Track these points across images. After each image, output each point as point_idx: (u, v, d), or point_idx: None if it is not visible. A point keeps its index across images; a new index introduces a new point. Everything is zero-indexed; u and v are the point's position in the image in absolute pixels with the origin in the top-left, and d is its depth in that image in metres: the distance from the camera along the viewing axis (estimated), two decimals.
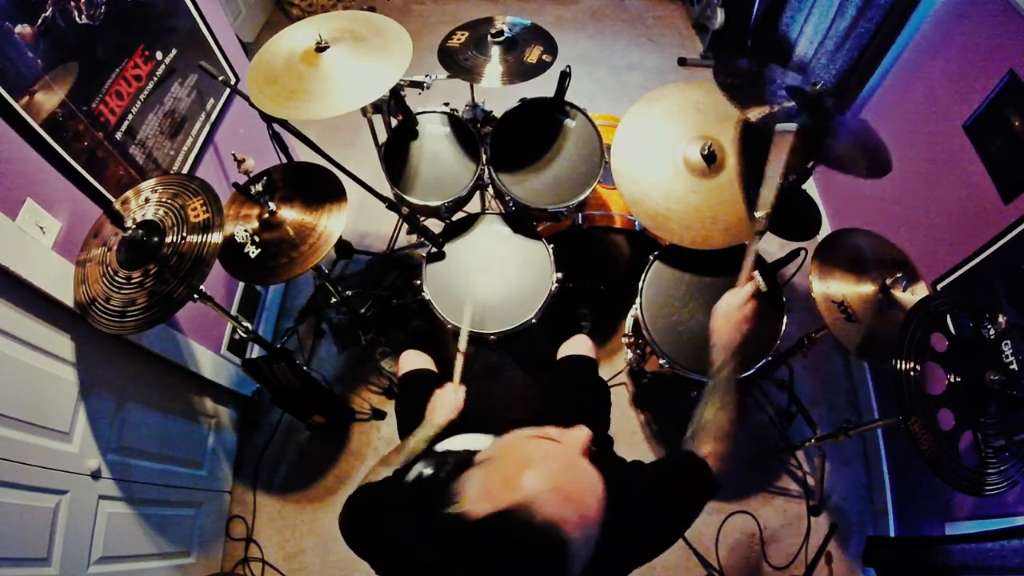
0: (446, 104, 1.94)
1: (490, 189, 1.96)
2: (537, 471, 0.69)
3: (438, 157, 1.87)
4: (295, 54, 1.47)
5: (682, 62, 3.38)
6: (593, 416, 1.50)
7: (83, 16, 1.36)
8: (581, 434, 0.77)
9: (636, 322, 1.76)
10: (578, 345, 1.63)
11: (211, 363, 1.94)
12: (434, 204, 1.79)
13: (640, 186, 1.64)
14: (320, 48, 1.46)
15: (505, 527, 0.66)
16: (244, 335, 1.63)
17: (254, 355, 2.08)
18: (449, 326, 1.64)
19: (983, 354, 1.31)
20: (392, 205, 1.68)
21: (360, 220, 2.69)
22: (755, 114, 1.44)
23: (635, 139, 1.69)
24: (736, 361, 1.12)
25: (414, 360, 1.59)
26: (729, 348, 1.13)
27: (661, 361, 1.62)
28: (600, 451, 0.94)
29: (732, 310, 1.16)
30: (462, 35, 1.82)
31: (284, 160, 1.96)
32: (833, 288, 1.51)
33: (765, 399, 2.22)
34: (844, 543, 2.01)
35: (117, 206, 1.39)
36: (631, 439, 2.20)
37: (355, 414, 2.22)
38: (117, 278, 1.27)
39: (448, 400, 1.27)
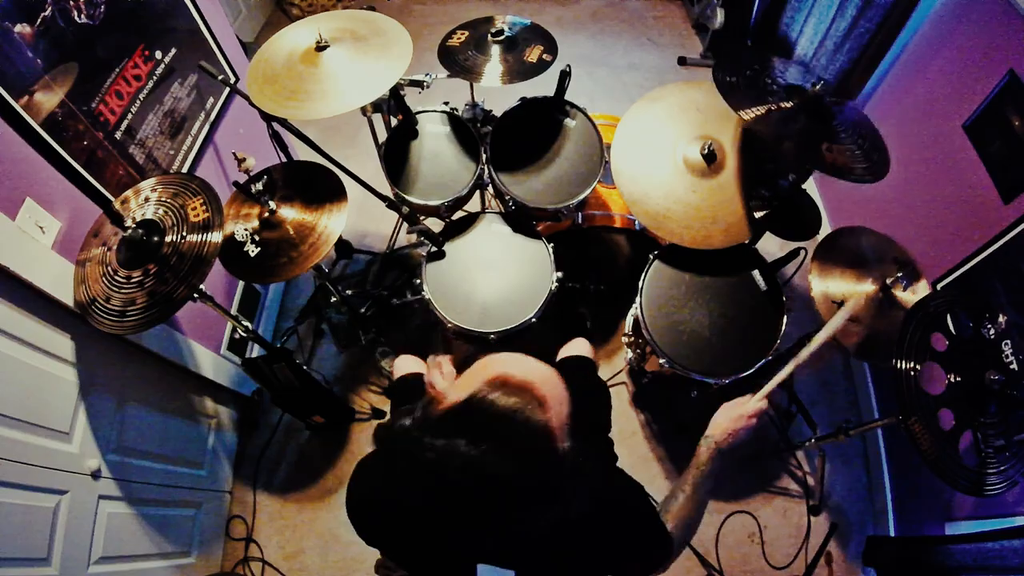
0: (446, 103, 1.93)
1: (490, 188, 1.95)
2: (503, 361, 0.77)
3: (438, 156, 1.87)
4: (295, 54, 1.47)
5: (682, 62, 3.38)
6: (593, 417, 1.50)
7: (83, 16, 1.36)
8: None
9: (636, 321, 1.76)
10: (576, 347, 1.63)
11: (211, 363, 1.94)
12: (434, 203, 1.78)
13: (640, 186, 1.64)
14: (320, 48, 1.46)
15: (482, 401, 0.71)
16: (244, 335, 1.63)
17: (254, 355, 2.08)
18: (450, 325, 1.64)
19: (983, 354, 1.31)
20: (392, 204, 1.68)
21: (360, 220, 2.69)
22: (750, 114, 1.42)
23: (635, 139, 1.69)
24: (718, 463, 1.10)
25: (408, 365, 1.59)
26: (718, 446, 1.11)
27: (661, 361, 1.62)
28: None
29: (737, 416, 1.13)
30: (462, 34, 1.82)
31: (284, 159, 1.96)
32: (833, 288, 1.51)
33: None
34: (844, 543, 2.01)
35: (117, 206, 1.39)
36: (631, 439, 2.20)
37: (355, 414, 2.22)
38: (117, 278, 1.27)
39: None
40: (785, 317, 1.64)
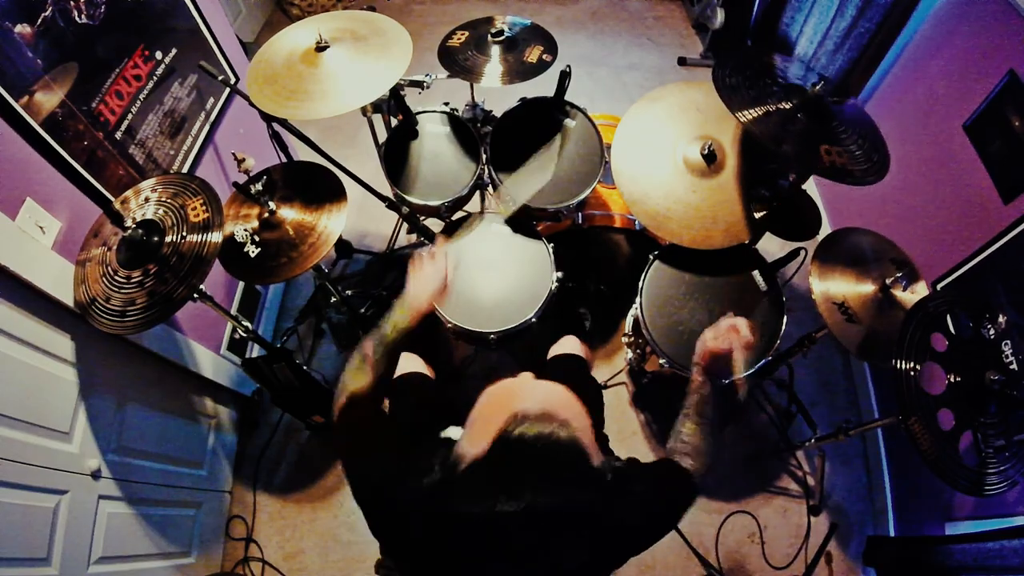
0: (446, 104, 1.94)
1: (490, 188, 1.96)
2: (512, 395, 0.75)
3: (438, 157, 1.87)
4: (295, 54, 1.47)
5: (682, 62, 3.38)
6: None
7: (83, 16, 1.36)
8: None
9: (636, 322, 1.76)
10: (567, 345, 1.63)
11: (211, 363, 1.94)
12: (434, 204, 1.78)
13: (640, 186, 1.64)
14: (320, 48, 1.46)
15: (508, 443, 0.69)
16: (244, 335, 1.63)
17: (254, 355, 2.08)
18: (450, 325, 1.64)
19: (983, 354, 1.31)
20: (392, 204, 1.68)
21: (360, 220, 2.69)
22: (747, 116, 1.40)
23: (635, 139, 1.69)
24: (709, 384, 1.12)
25: (406, 363, 1.59)
26: (701, 367, 1.13)
27: (661, 361, 1.62)
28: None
29: (711, 337, 1.15)
30: (462, 35, 1.82)
31: (284, 159, 1.96)
32: (833, 288, 1.51)
33: (765, 399, 2.22)
34: (844, 543, 2.01)
35: (117, 206, 1.39)
36: (631, 439, 2.20)
37: None
38: (117, 278, 1.27)
39: (428, 272, 1.11)
40: (785, 317, 1.64)
